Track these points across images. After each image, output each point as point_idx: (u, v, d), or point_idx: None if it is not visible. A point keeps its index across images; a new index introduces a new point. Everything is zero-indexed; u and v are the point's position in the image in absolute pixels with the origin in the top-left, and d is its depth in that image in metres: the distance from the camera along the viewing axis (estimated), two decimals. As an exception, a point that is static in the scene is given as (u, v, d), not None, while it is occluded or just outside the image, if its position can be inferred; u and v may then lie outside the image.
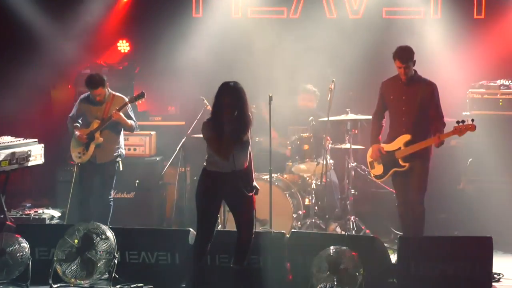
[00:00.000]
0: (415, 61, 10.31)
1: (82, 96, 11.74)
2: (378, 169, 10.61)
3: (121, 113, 11.30)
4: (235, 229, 9.36)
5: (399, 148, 10.33)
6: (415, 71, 10.38)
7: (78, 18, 13.49)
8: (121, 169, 11.65)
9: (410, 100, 10.31)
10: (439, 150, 10.50)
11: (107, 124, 11.39)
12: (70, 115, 11.70)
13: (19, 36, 13.40)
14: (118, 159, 11.60)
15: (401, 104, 10.39)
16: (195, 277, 9.40)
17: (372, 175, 10.78)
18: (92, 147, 11.40)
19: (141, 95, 11.47)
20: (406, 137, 10.30)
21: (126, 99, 11.48)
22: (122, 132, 11.64)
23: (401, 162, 10.35)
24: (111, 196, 11.62)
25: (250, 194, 9.35)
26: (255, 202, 9.37)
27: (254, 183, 9.40)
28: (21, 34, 13.38)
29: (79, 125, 11.56)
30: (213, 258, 9.88)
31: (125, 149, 11.81)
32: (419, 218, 10.28)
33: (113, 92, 11.55)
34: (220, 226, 11.07)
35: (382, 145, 10.50)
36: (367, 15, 13.33)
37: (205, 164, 9.27)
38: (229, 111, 9.11)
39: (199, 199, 9.34)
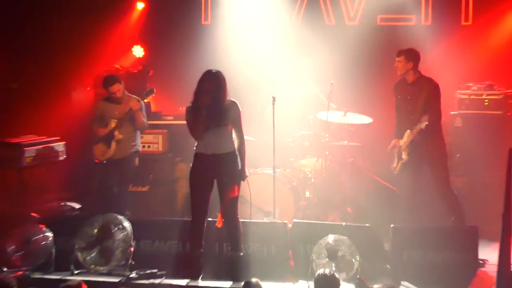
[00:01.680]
0: (415, 63, 10.44)
1: (100, 101, 11.81)
2: (394, 161, 10.78)
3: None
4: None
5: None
6: (420, 73, 10.53)
7: (97, 23, 13.56)
8: (136, 164, 11.74)
9: (414, 99, 10.47)
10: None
11: (124, 122, 11.50)
12: (93, 118, 11.76)
13: (43, 42, 13.45)
14: (136, 153, 11.70)
15: (407, 103, 10.55)
16: (192, 260, 9.58)
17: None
18: (113, 144, 11.47)
19: (151, 91, 11.56)
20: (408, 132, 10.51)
21: (141, 99, 11.60)
22: (138, 131, 11.75)
23: (403, 155, 10.53)
24: (128, 189, 11.70)
25: (236, 181, 9.49)
26: (237, 190, 9.52)
27: (245, 170, 9.57)
28: (44, 40, 13.44)
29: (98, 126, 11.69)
30: (220, 246, 10.01)
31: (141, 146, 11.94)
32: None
33: (129, 94, 11.66)
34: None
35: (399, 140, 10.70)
36: (363, 22, 13.36)
37: (194, 147, 9.46)
38: (207, 96, 9.25)
39: (190, 178, 9.58)
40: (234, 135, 9.56)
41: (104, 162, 11.60)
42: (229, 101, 9.45)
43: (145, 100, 11.73)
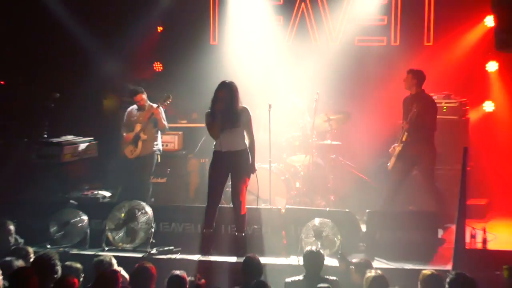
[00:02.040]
0: (419, 81, 10.56)
1: (128, 109, 11.85)
2: (391, 159, 10.81)
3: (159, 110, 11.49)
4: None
5: None
6: (423, 90, 10.61)
7: (124, 44, 13.59)
8: (158, 161, 11.76)
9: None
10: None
11: (148, 125, 11.49)
12: (123, 123, 11.81)
13: (80, 59, 13.47)
14: (157, 152, 11.71)
15: (408, 112, 10.54)
16: (204, 239, 9.60)
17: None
18: (140, 144, 11.50)
19: (167, 96, 11.57)
20: None
21: (160, 106, 11.62)
22: (159, 133, 11.74)
23: (397, 148, 10.68)
24: (150, 181, 11.71)
25: (246, 173, 9.48)
26: (247, 182, 9.57)
27: (254, 165, 9.60)
28: (81, 57, 13.46)
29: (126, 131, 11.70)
30: (226, 228, 10.01)
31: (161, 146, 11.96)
32: None
33: (150, 103, 11.69)
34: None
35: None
36: (343, 42, 13.30)
37: (213, 146, 9.50)
38: (222, 102, 9.26)
39: (208, 171, 9.68)
40: (245, 135, 9.57)
41: (133, 159, 11.60)
42: (241, 107, 9.48)
43: (165, 105, 11.70)
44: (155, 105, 11.56)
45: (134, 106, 11.75)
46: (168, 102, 11.63)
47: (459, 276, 7.13)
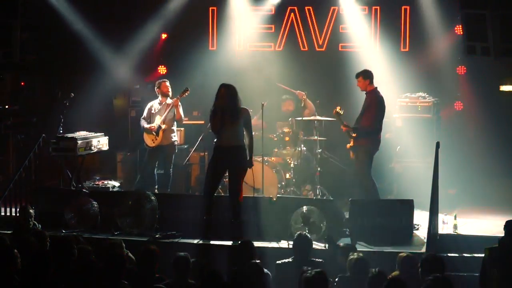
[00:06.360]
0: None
1: (148, 104, 11.69)
2: None
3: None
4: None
5: None
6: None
7: (132, 49, 13.47)
8: (176, 151, 11.65)
9: None
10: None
11: (168, 117, 11.37)
12: (143, 117, 11.63)
13: (94, 64, 13.38)
14: (176, 142, 11.60)
15: None
16: (205, 225, 9.48)
17: None
18: (161, 133, 11.33)
19: (185, 89, 11.41)
20: None
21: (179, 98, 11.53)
22: (175, 125, 11.61)
23: None
24: (171, 169, 11.56)
25: (243, 167, 9.37)
26: (244, 175, 9.48)
27: (252, 160, 9.50)
28: (94, 62, 13.37)
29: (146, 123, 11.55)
30: (222, 214, 9.87)
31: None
32: None
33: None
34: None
35: None
36: (328, 48, 13.21)
37: (214, 141, 9.50)
38: (222, 100, 9.21)
39: (209, 164, 9.67)
40: (245, 133, 9.50)
41: (153, 147, 11.44)
42: (242, 107, 9.42)
43: (183, 96, 11.51)
44: (172, 98, 11.48)
45: (155, 101, 11.60)
46: (186, 94, 11.47)
47: (429, 256, 7.15)
